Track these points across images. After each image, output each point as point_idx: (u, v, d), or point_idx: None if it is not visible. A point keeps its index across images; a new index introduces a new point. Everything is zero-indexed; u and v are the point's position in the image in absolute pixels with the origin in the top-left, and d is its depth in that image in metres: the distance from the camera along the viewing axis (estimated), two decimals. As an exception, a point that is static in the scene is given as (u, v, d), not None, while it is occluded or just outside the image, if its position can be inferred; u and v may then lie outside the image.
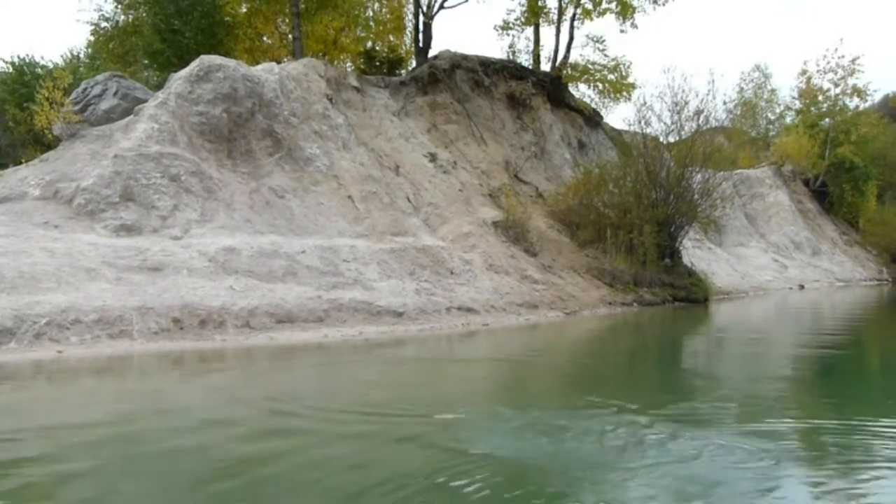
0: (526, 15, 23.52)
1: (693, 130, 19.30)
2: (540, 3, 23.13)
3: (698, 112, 19.33)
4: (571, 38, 23.06)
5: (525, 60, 24.12)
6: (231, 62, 13.99)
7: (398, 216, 14.44)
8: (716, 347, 10.97)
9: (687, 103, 19.33)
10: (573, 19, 23.09)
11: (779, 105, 41.63)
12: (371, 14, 22.31)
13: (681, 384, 7.53)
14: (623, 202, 18.22)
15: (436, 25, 22.61)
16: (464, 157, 18.74)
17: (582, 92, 24.51)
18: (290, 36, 19.65)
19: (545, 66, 23.78)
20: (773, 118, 42.28)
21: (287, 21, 20.38)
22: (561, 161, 22.03)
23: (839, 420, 5.32)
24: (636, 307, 15.95)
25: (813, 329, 13.48)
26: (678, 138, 19.46)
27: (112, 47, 21.15)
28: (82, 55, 22.67)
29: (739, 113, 38.78)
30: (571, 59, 23.27)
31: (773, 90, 41.60)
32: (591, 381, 7.50)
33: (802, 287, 26.91)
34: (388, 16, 22.55)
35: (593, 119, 25.43)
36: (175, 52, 17.51)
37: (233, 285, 10.06)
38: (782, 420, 5.55)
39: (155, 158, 11.73)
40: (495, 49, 69.17)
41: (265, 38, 21.49)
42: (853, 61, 35.51)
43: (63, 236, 9.98)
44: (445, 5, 21.65)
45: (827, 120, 36.89)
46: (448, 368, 8.41)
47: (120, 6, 20.68)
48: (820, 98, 37.28)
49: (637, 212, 17.73)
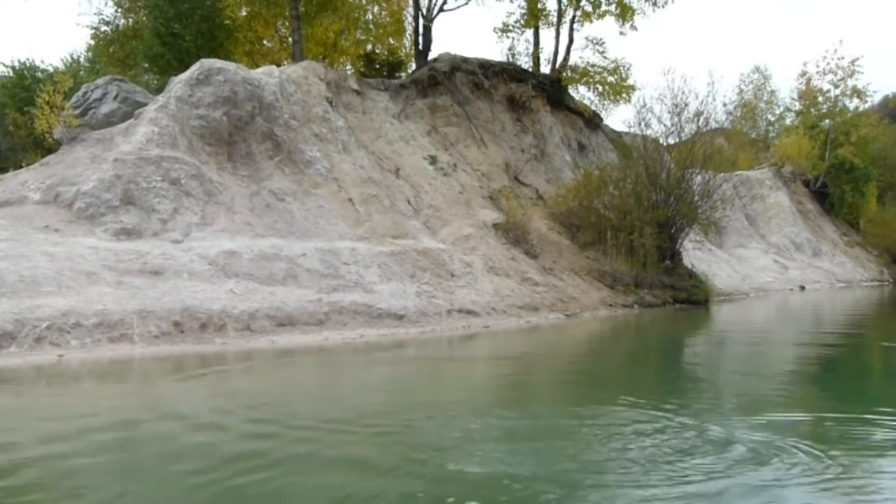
0: (525, 17, 23.54)
1: (693, 132, 19.33)
2: (539, 6, 23.15)
3: (698, 114, 19.38)
4: (571, 41, 23.10)
5: (525, 63, 24.17)
6: (231, 65, 14.01)
7: (398, 219, 14.44)
8: (718, 348, 10.95)
9: (687, 105, 19.40)
10: (573, 21, 23.12)
11: (779, 106, 41.69)
12: (371, 17, 22.32)
13: (688, 384, 7.52)
14: (623, 204, 18.22)
15: (435, 28, 22.68)
16: (464, 160, 18.74)
17: (582, 94, 24.53)
18: (290, 39, 19.67)
19: (545, 69, 23.82)
20: (773, 119, 42.33)
21: (287, 24, 20.40)
22: (561, 163, 22.03)
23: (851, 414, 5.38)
24: (637, 309, 15.94)
25: (814, 330, 13.45)
26: (678, 140, 19.48)
27: (112, 51, 21.18)
28: (82, 59, 22.72)
29: (739, 114, 38.83)
30: (571, 62, 23.29)
31: (773, 91, 41.67)
32: (604, 382, 7.49)
33: (803, 288, 26.89)
34: (388, 19, 22.56)
35: (593, 121, 25.43)
36: (175, 56, 17.53)
37: (233, 288, 10.06)
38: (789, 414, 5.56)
39: (155, 162, 11.74)
40: (495, 51, 68.97)
41: (265, 42, 21.51)
42: (853, 62, 35.54)
43: (63, 240, 9.98)
44: (445, 8, 21.72)
45: (827, 121, 36.89)
46: (447, 373, 8.40)
47: (120, 10, 20.73)
48: (820, 99, 37.28)
49: (637, 213, 17.73)
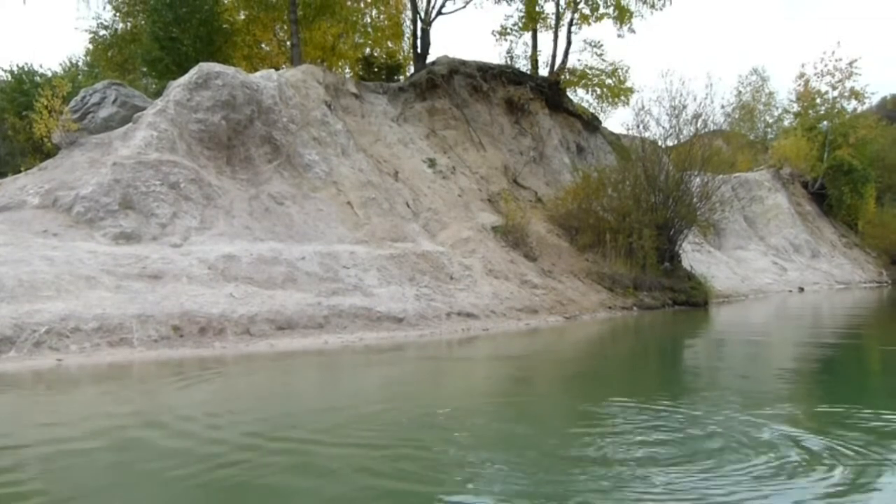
0: (524, 20, 23.56)
1: (691, 134, 19.35)
2: (538, 9, 23.17)
3: (696, 116, 19.41)
4: (569, 43, 23.13)
5: (523, 66, 24.21)
6: (230, 69, 14.02)
7: (397, 222, 14.44)
8: (718, 351, 10.94)
9: (685, 107, 19.44)
10: (571, 24, 23.15)
11: (777, 108, 41.81)
12: (369, 20, 22.34)
13: (691, 386, 7.52)
14: (622, 206, 18.23)
15: (434, 31, 22.71)
16: (463, 163, 18.76)
17: (580, 96, 24.55)
18: (289, 43, 19.69)
19: (543, 72, 23.86)
20: (772, 121, 42.43)
21: (285, 28, 20.43)
22: (560, 166, 22.05)
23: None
24: (636, 311, 15.94)
25: (814, 331, 13.44)
26: (676, 142, 19.51)
27: (111, 55, 21.21)
28: (81, 63, 22.66)
29: (738, 116, 38.93)
30: (569, 64, 23.33)
31: (771, 93, 41.79)
32: (605, 382, 7.49)
33: (802, 290, 26.91)
34: (386, 22, 22.59)
35: (592, 123, 25.46)
36: (174, 60, 17.54)
37: (232, 292, 10.06)
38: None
39: (154, 166, 11.74)
40: (493, 54, 69.42)
41: (263, 45, 21.53)
42: (851, 64, 35.63)
43: (62, 244, 9.98)
44: (443, 11, 21.77)
45: (825, 123, 36.97)
46: (446, 375, 8.40)
47: (118, 14, 20.76)
48: (818, 101, 37.36)
49: (636, 216, 17.74)
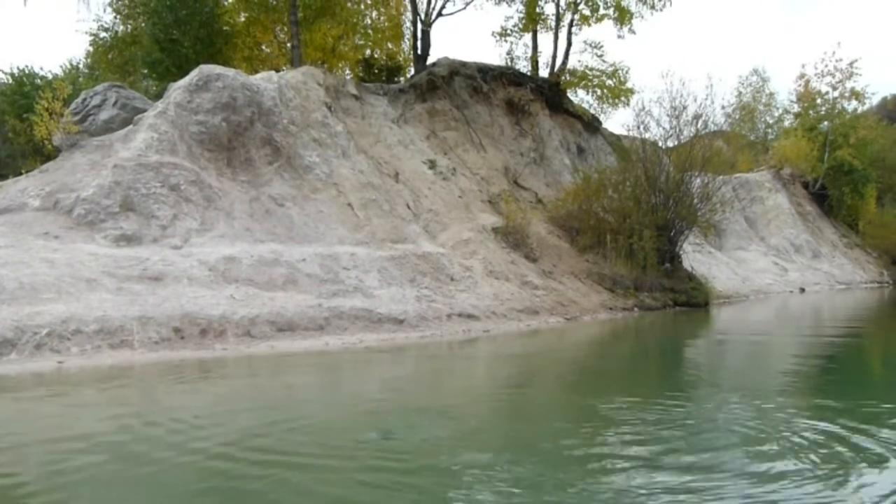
0: (524, 21, 23.61)
1: (692, 135, 19.35)
2: (538, 10, 23.21)
3: (697, 116, 19.41)
4: (569, 44, 23.18)
5: (523, 67, 24.25)
6: (230, 71, 14.04)
7: (398, 223, 14.44)
8: (720, 350, 10.94)
9: (685, 108, 19.44)
10: (571, 25, 23.20)
11: (777, 109, 41.87)
12: (369, 22, 22.37)
13: (695, 387, 7.51)
14: (623, 207, 18.23)
15: (434, 33, 22.77)
16: (463, 164, 18.76)
17: (580, 97, 24.61)
18: (289, 44, 19.71)
19: (543, 73, 23.90)
20: (772, 122, 42.49)
21: (285, 30, 20.44)
22: (560, 167, 22.05)
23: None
24: (637, 312, 15.93)
25: (814, 332, 13.44)
26: (677, 143, 19.51)
27: (111, 57, 21.24)
28: (81, 65, 22.77)
29: (738, 117, 38.93)
30: (570, 65, 23.38)
31: (772, 94, 41.89)
32: (608, 382, 7.49)
33: (803, 290, 26.90)
34: (387, 24, 22.63)
35: (592, 124, 25.48)
36: (174, 62, 17.58)
37: (233, 294, 10.06)
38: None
39: (154, 168, 11.75)
40: (493, 56, 69.41)
41: (264, 47, 21.55)
42: (851, 64, 35.67)
43: (63, 247, 9.99)
44: (443, 13, 21.84)
45: (825, 123, 36.98)
46: (446, 377, 8.39)
47: (119, 16, 20.79)
48: (818, 101, 37.38)
49: (637, 216, 17.75)
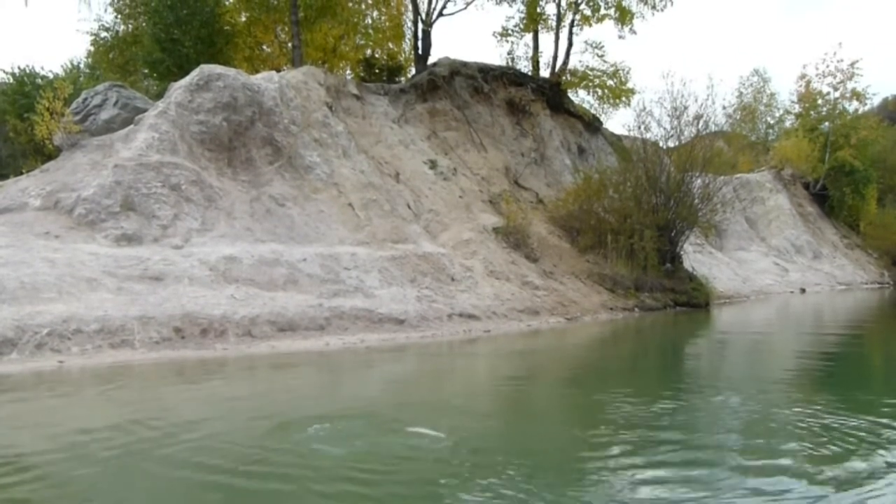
0: (525, 22, 23.58)
1: (693, 135, 19.35)
2: (539, 10, 23.19)
3: (698, 117, 19.41)
4: (570, 45, 23.15)
5: (524, 67, 24.22)
6: (231, 71, 14.04)
7: (399, 223, 14.44)
8: (721, 350, 10.93)
9: (686, 108, 19.43)
10: (572, 25, 23.16)
11: (778, 109, 41.84)
12: (370, 22, 22.36)
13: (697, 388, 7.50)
14: (623, 207, 18.22)
15: (435, 33, 22.77)
16: (464, 164, 18.76)
17: (581, 98, 24.59)
18: (290, 44, 19.71)
19: (544, 73, 23.87)
20: (773, 122, 42.45)
21: (286, 29, 20.44)
22: (561, 167, 22.04)
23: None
24: (637, 312, 15.93)
25: (815, 332, 13.43)
26: (678, 143, 19.50)
27: (112, 57, 21.23)
28: (82, 65, 22.75)
29: (739, 117, 38.92)
30: (570, 65, 23.34)
31: (773, 94, 41.85)
32: (607, 383, 7.48)
33: (804, 291, 26.88)
34: (387, 23, 22.61)
35: (593, 125, 25.46)
36: (175, 62, 17.57)
37: (234, 294, 10.06)
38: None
39: (155, 168, 11.75)
40: (494, 56, 69.36)
41: (264, 47, 21.56)
42: (852, 65, 35.64)
43: (64, 246, 9.99)
44: (444, 13, 21.79)
45: (826, 124, 36.95)
46: (446, 377, 8.39)
47: (120, 16, 20.78)
48: (819, 102, 37.36)
49: (637, 217, 17.74)
